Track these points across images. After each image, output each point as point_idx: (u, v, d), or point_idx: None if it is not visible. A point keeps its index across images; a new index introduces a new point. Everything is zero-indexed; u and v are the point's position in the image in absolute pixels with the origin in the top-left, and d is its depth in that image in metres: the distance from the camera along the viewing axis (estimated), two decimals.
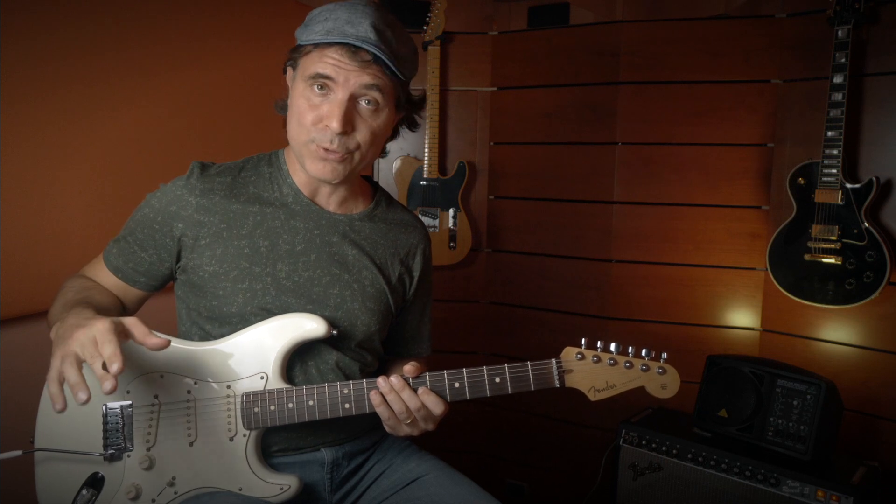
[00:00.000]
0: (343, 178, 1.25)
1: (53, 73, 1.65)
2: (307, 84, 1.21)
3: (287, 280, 1.26)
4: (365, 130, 1.22)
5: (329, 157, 1.21)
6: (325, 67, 1.18)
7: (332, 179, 1.24)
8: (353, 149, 1.23)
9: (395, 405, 1.20)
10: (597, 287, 2.54)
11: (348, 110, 1.19)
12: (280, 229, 1.28)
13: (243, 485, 1.21)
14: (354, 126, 1.21)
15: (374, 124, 1.24)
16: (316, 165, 1.23)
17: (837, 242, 2.02)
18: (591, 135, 2.50)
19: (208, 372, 1.22)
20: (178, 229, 1.25)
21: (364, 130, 1.22)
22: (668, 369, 1.23)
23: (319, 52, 1.19)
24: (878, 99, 2.05)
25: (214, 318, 1.26)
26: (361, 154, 1.25)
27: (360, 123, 1.22)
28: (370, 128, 1.23)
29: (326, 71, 1.18)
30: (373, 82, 1.20)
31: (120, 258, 1.30)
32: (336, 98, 1.19)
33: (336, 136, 1.19)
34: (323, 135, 1.20)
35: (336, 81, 1.19)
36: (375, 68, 1.19)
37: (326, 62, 1.18)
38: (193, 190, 1.26)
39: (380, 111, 1.24)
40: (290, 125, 1.25)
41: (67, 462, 1.19)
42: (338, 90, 1.19)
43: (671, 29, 2.37)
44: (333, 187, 1.31)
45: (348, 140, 1.21)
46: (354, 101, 1.20)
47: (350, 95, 1.19)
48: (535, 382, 1.23)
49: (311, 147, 1.22)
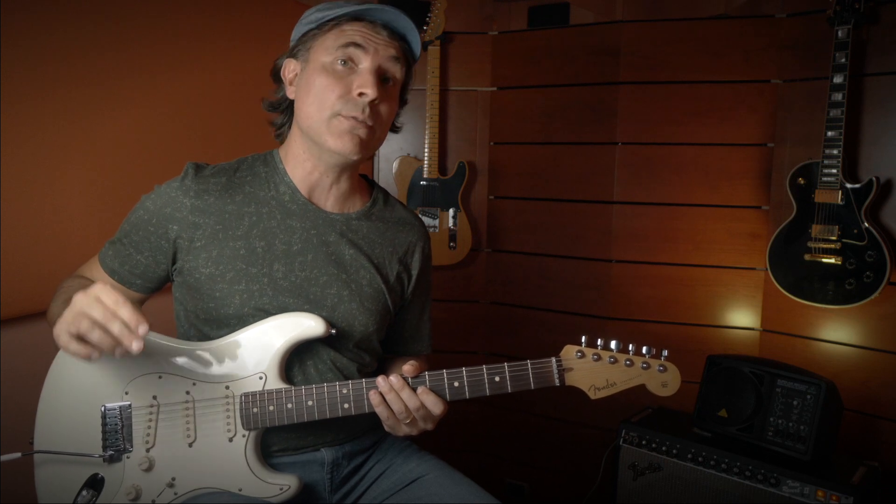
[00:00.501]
0: (364, 153, 1.25)
1: (53, 73, 1.65)
2: (332, 57, 1.22)
3: (284, 280, 1.26)
4: (386, 105, 1.26)
5: (358, 128, 1.22)
6: (355, 37, 1.21)
7: (355, 153, 1.24)
8: (373, 126, 1.24)
9: (394, 405, 1.20)
10: (597, 287, 2.54)
11: (378, 80, 1.22)
12: (276, 229, 1.28)
13: (243, 485, 1.21)
14: (382, 98, 1.24)
15: (393, 102, 1.28)
16: (342, 139, 1.22)
17: (837, 242, 2.02)
18: (591, 135, 2.50)
19: (207, 372, 1.22)
20: (174, 231, 1.25)
21: (385, 105, 1.26)
22: (668, 367, 1.23)
23: (342, 27, 1.23)
24: (878, 99, 2.05)
25: (212, 319, 1.26)
26: (382, 131, 1.28)
27: (384, 98, 1.25)
28: (389, 104, 1.27)
29: (356, 39, 1.22)
30: (397, 55, 1.25)
31: (116, 260, 1.30)
32: (366, 67, 1.22)
33: (367, 105, 1.21)
34: (353, 104, 1.21)
35: (366, 50, 1.22)
36: (398, 43, 1.25)
37: (353, 33, 1.22)
38: (188, 191, 1.25)
39: (395, 90, 1.28)
40: (306, 106, 1.24)
41: (67, 463, 1.19)
42: (367, 60, 1.22)
43: (671, 29, 2.37)
44: (335, 179, 1.31)
45: (375, 114, 1.23)
46: (382, 76, 1.24)
47: (378, 67, 1.23)
48: (535, 381, 1.23)
49: (335, 122, 1.22)
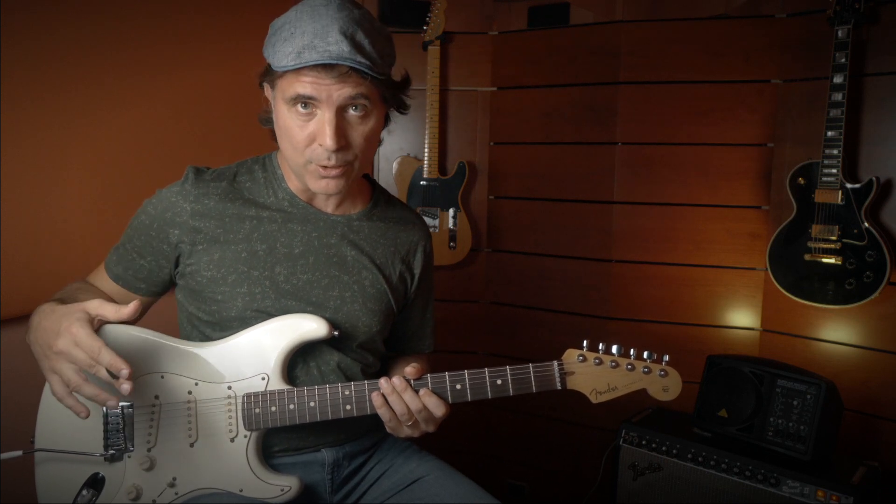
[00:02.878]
0: (345, 188, 1.24)
1: (53, 73, 1.65)
2: (289, 106, 1.16)
3: (286, 283, 1.26)
4: (359, 139, 1.19)
5: (329, 173, 1.20)
6: (304, 88, 1.13)
7: (336, 193, 1.24)
8: (351, 160, 1.20)
9: (396, 406, 1.20)
10: (597, 287, 2.54)
11: (338, 125, 1.15)
12: (277, 232, 1.28)
13: (244, 486, 1.21)
14: (348, 139, 1.18)
15: (366, 129, 1.20)
16: (319, 184, 1.22)
17: (837, 242, 2.02)
18: (591, 135, 2.50)
19: (209, 373, 1.22)
20: (175, 235, 1.25)
21: (358, 139, 1.19)
22: (669, 372, 1.23)
23: (294, 73, 1.13)
24: (878, 99, 2.05)
25: (214, 322, 1.26)
26: (360, 162, 1.23)
27: (351, 133, 1.18)
28: (363, 135, 1.20)
29: (306, 91, 1.13)
30: (356, 92, 1.14)
31: (119, 266, 1.31)
32: (323, 117, 1.15)
33: (332, 154, 1.17)
34: (318, 154, 1.17)
35: (319, 100, 1.14)
36: (355, 78, 1.13)
37: (304, 82, 1.13)
38: (188, 196, 1.25)
39: (369, 115, 1.20)
40: (283, 145, 1.23)
41: (68, 462, 1.19)
42: (322, 108, 1.15)
43: (671, 29, 2.37)
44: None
45: (345, 154, 1.19)
46: (342, 112, 1.16)
47: (336, 109, 1.15)
48: (537, 384, 1.23)
49: (309, 168, 1.20)
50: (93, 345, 1.05)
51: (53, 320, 1.10)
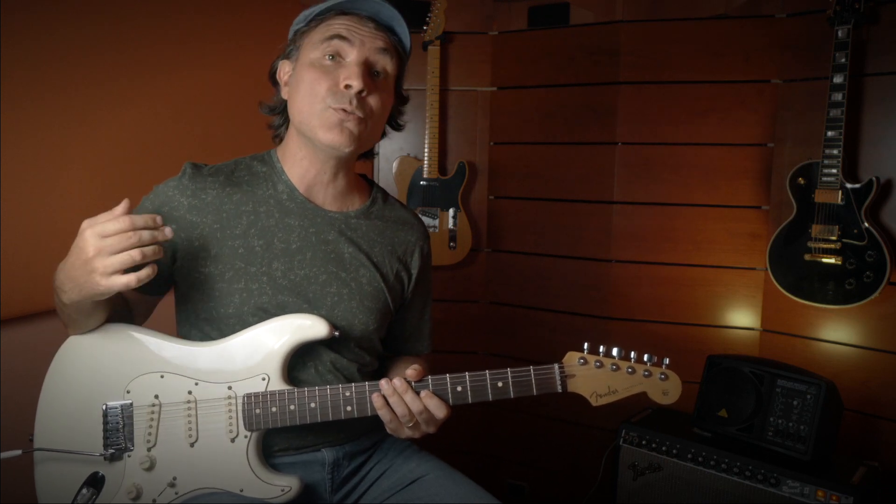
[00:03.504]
0: (356, 145, 1.25)
1: (53, 73, 1.65)
2: (318, 52, 1.22)
3: (283, 279, 1.26)
4: (376, 97, 1.25)
5: (347, 120, 1.22)
6: (340, 29, 1.22)
7: (347, 145, 1.24)
8: (367, 114, 1.24)
9: (397, 408, 1.20)
10: (597, 287, 2.53)
11: (365, 72, 1.22)
12: (274, 228, 1.28)
13: (244, 486, 1.21)
14: (370, 89, 1.23)
15: (384, 94, 1.27)
16: (332, 133, 1.22)
17: (837, 242, 2.02)
18: (591, 135, 2.50)
19: (209, 372, 1.22)
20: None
21: (376, 97, 1.25)
22: (670, 375, 1.23)
23: (328, 21, 1.23)
24: (878, 99, 2.05)
25: (212, 318, 1.26)
26: (373, 123, 1.26)
27: (373, 90, 1.24)
28: (381, 97, 1.26)
29: (341, 31, 1.22)
30: (385, 46, 1.24)
31: None
32: (352, 59, 1.22)
33: (355, 97, 1.21)
34: (341, 96, 1.21)
35: (352, 43, 1.22)
36: (385, 34, 1.25)
37: (338, 26, 1.22)
38: (185, 191, 1.25)
39: (387, 83, 1.28)
40: (297, 102, 1.25)
41: (67, 462, 1.19)
42: (353, 52, 1.23)
43: (671, 29, 2.37)
44: (332, 177, 1.31)
45: (364, 104, 1.23)
46: (370, 68, 1.24)
47: (365, 59, 1.22)
48: (538, 387, 1.23)
49: (326, 114, 1.22)
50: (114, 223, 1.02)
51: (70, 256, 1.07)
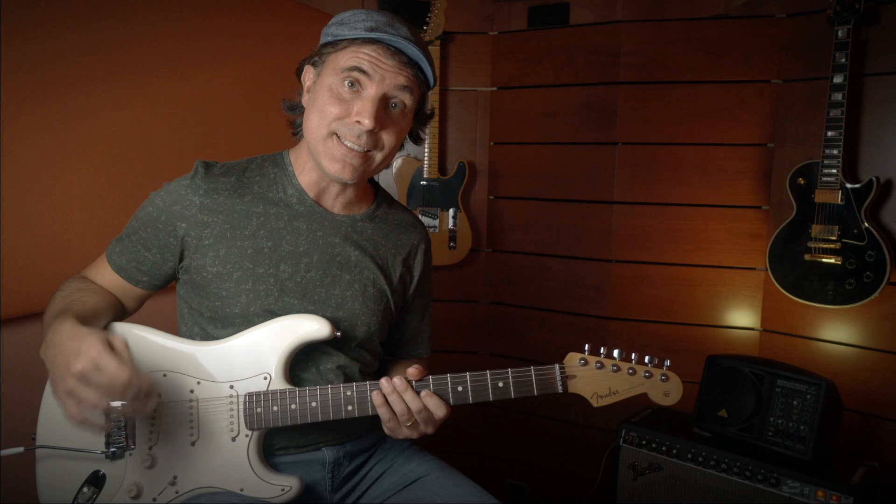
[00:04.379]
0: (358, 178, 1.25)
1: (53, 73, 1.65)
2: (338, 78, 1.20)
3: (290, 281, 1.26)
4: (391, 132, 1.23)
5: (349, 155, 1.21)
6: (362, 62, 1.19)
7: (349, 179, 1.24)
8: (376, 148, 1.23)
9: (396, 406, 1.20)
10: (597, 287, 2.54)
11: (380, 109, 1.20)
12: (283, 230, 1.28)
13: (245, 485, 1.21)
14: (383, 126, 1.22)
15: (400, 128, 1.25)
16: (334, 164, 1.22)
17: (837, 242, 2.02)
18: (591, 135, 2.50)
19: (211, 371, 1.22)
20: (182, 229, 1.25)
21: (390, 132, 1.23)
22: (670, 377, 1.23)
23: (356, 48, 1.19)
24: (878, 99, 2.05)
25: (217, 318, 1.26)
26: (383, 156, 1.25)
27: (388, 125, 1.23)
28: (396, 130, 1.24)
29: (363, 65, 1.19)
30: (406, 84, 1.21)
31: (123, 257, 1.30)
32: (369, 94, 1.20)
33: (364, 133, 1.20)
34: (349, 129, 1.20)
35: (371, 78, 1.19)
36: (410, 71, 1.21)
37: (362, 57, 1.19)
38: (197, 189, 1.25)
39: (405, 116, 1.26)
40: (309, 120, 1.25)
41: (69, 460, 1.19)
42: (371, 87, 1.20)
43: (671, 29, 2.37)
44: (341, 189, 1.31)
45: (375, 139, 1.22)
46: (385, 102, 1.21)
47: (383, 95, 1.20)
48: (539, 388, 1.23)
49: (330, 142, 1.22)
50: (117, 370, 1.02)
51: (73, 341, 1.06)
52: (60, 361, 1.05)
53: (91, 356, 1.02)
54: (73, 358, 1.03)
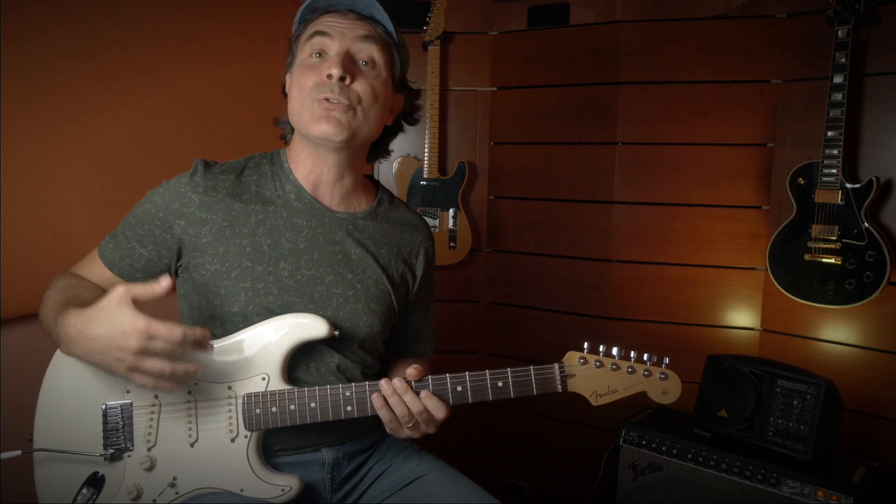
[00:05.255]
0: (347, 134, 1.23)
1: (53, 73, 1.65)
2: (305, 53, 1.26)
3: (290, 279, 1.26)
4: (364, 83, 1.25)
5: (332, 109, 1.22)
6: (320, 26, 1.25)
7: (336, 134, 1.22)
8: (354, 101, 1.23)
9: (396, 408, 1.20)
10: (597, 287, 2.54)
11: (346, 60, 1.22)
12: (282, 227, 1.28)
13: (245, 486, 1.21)
14: (353, 76, 1.23)
15: (374, 82, 1.26)
16: (320, 124, 1.22)
17: (837, 242, 2.02)
18: (591, 135, 2.50)
19: (209, 372, 1.21)
20: (179, 226, 1.24)
21: (363, 83, 1.24)
22: (669, 375, 1.24)
23: (311, 25, 1.26)
24: (878, 99, 2.05)
25: (216, 317, 1.25)
26: (363, 110, 1.25)
27: (359, 76, 1.24)
28: (369, 83, 1.25)
29: (322, 28, 1.25)
30: (368, 34, 1.25)
31: (116, 253, 1.28)
32: (333, 51, 1.24)
33: (336, 84, 1.21)
34: (323, 87, 1.22)
35: (332, 36, 1.24)
36: (368, 23, 1.26)
37: (320, 24, 1.25)
38: (196, 188, 1.25)
39: (377, 71, 1.27)
40: (291, 103, 1.28)
41: (67, 462, 1.19)
42: (334, 45, 1.24)
43: (671, 29, 2.37)
44: (337, 175, 1.30)
45: (349, 91, 1.22)
46: (352, 58, 1.24)
47: (347, 51, 1.24)
48: (538, 387, 1.23)
49: (313, 107, 1.23)
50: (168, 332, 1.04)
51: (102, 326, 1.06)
52: (107, 348, 1.06)
53: (141, 329, 1.03)
54: (122, 338, 1.04)
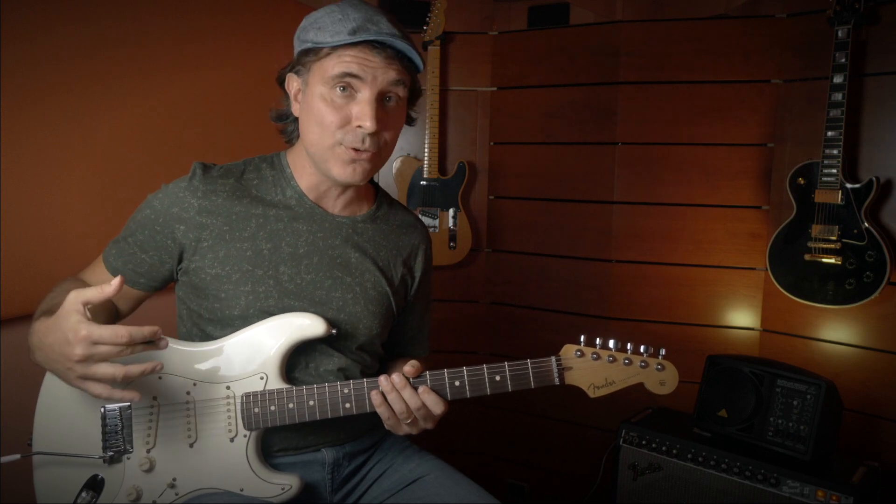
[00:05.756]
0: (369, 178, 1.26)
1: (53, 73, 1.65)
2: (328, 86, 1.18)
3: (289, 283, 1.26)
4: (391, 127, 1.24)
5: (359, 157, 1.21)
6: (352, 66, 1.16)
7: (360, 181, 1.24)
8: (380, 148, 1.23)
9: (395, 405, 1.20)
10: (597, 287, 2.54)
11: (379, 110, 1.19)
12: (283, 232, 1.28)
13: (244, 485, 1.21)
14: (385, 125, 1.21)
15: (398, 121, 1.26)
16: (345, 170, 1.22)
17: (837, 242, 2.02)
18: (591, 135, 2.50)
19: (207, 372, 1.22)
20: (180, 231, 1.24)
21: (391, 128, 1.24)
22: (666, 366, 1.23)
23: (340, 52, 1.17)
24: (878, 99, 2.05)
25: (216, 320, 1.26)
26: (387, 152, 1.26)
27: (387, 121, 1.22)
28: (395, 125, 1.25)
29: (353, 70, 1.16)
30: (398, 78, 1.20)
31: (119, 259, 1.29)
32: (365, 97, 1.18)
33: (368, 136, 1.19)
34: (353, 136, 1.19)
35: (364, 80, 1.17)
36: (398, 63, 1.19)
37: (350, 61, 1.16)
38: (196, 192, 1.25)
39: (400, 106, 1.25)
40: (308, 131, 1.23)
41: (66, 465, 1.19)
42: (365, 89, 1.18)
43: (671, 29, 2.37)
44: (342, 190, 1.31)
45: (377, 139, 1.21)
46: (381, 97, 1.20)
47: (378, 93, 1.19)
48: (535, 380, 1.23)
49: (338, 150, 1.21)
50: (111, 334, 1.01)
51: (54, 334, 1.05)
52: (57, 357, 1.05)
53: (82, 336, 1.01)
54: (67, 346, 1.02)
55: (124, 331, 1.01)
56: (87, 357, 1.01)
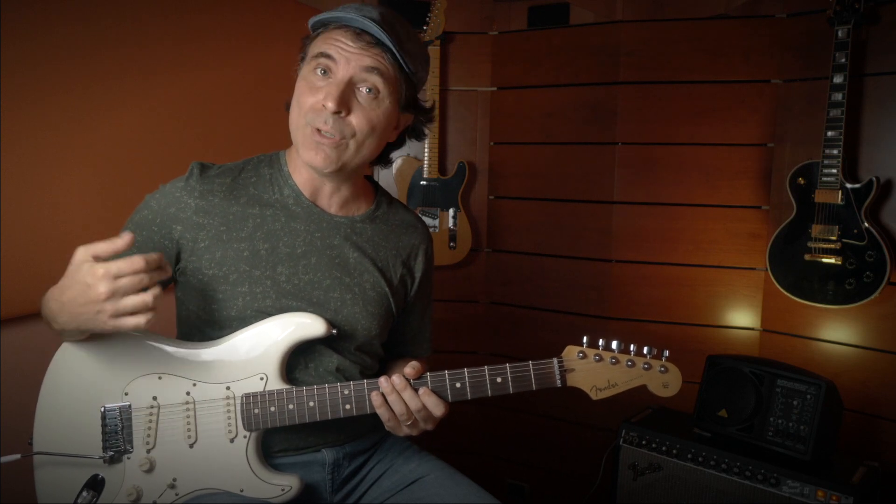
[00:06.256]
0: (335, 167, 1.22)
1: (53, 73, 1.65)
2: (311, 67, 1.21)
3: (287, 283, 1.26)
4: (361, 116, 1.20)
5: (323, 141, 1.20)
6: (328, 47, 1.19)
7: (324, 167, 1.22)
8: (348, 135, 1.20)
9: (395, 406, 1.20)
10: (597, 287, 2.53)
11: (345, 92, 1.18)
12: (280, 232, 1.27)
13: (244, 486, 1.21)
14: (350, 109, 1.19)
15: (372, 113, 1.21)
16: (308, 153, 1.21)
17: (837, 242, 2.02)
18: (591, 135, 2.50)
19: (207, 373, 1.22)
20: (177, 231, 1.24)
21: (360, 116, 1.20)
22: (669, 367, 1.23)
23: (326, 34, 1.20)
24: (878, 99, 2.05)
25: (214, 320, 1.25)
26: (357, 143, 1.22)
27: (356, 108, 1.20)
28: (367, 115, 1.21)
29: (329, 50, 1.19)
30: (373, 65, 1.19)
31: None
32: (335, 79, 1.19)
33: (330, 117, 1.18)
34: (318, 115, 1.19)
35: (336, 62, 1.19)
36: (377, 51, 1.19)
37: (329, 43, 1.19)
38: (192, 192, 1.25)
39: (380, 100, 1.21)
40: (291, 112, 1.25)
41: (67, 465, 1.19)
42: (338, 71, 1.19)
43: (671, 29, 2.37)
44: (335, 187, 1.30)
45: (343, 124, 1.19)
46: (353, 86, 1.19)
47: (350, 79, 1.19)
48: (537, 382, 1.23)
49: (306, 131, 1.21)
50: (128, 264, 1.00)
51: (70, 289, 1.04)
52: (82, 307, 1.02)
53: (101, 274, 1.00)
54: (89, 290, 1.00)
55: (138, 257, 1.00)
56: (112, 292, 0.99)
